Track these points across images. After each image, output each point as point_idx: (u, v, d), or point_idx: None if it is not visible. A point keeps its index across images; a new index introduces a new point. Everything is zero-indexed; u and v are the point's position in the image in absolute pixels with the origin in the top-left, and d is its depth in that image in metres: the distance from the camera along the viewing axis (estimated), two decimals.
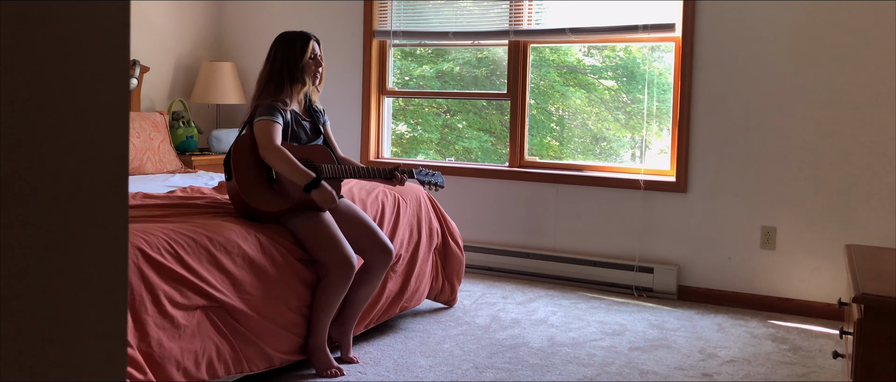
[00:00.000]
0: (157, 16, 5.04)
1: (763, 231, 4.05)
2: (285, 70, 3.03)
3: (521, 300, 4.10)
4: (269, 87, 3.03)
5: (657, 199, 4.28)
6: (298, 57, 3.04)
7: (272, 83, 3.03)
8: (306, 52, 3.05)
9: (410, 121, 5.37)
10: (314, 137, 3.14)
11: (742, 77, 4.05)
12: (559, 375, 3.03)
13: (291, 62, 3.03)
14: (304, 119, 3.12)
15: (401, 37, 4.90)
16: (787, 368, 3.18)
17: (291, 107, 3.05)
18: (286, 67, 3.03)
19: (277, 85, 3.02)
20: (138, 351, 2.25)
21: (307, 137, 3.10)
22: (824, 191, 3.92)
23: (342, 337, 3.10)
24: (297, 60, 3.03)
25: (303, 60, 3.04)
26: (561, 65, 4.91)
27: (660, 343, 3.45)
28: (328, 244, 2.91)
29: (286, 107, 3.01)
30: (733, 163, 4.10)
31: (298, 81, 3.04)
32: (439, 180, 3.29)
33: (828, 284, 3.93)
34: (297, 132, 3.06)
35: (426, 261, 3.65)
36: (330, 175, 3.01)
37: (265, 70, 3.08)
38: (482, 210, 4.71)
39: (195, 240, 2.55)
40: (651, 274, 4.24)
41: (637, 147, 4.71)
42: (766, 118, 4.02)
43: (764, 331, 3.67)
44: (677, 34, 4.21)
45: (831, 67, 3.87)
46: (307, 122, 3.13)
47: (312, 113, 3.18)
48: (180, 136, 4.90)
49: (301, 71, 3.04)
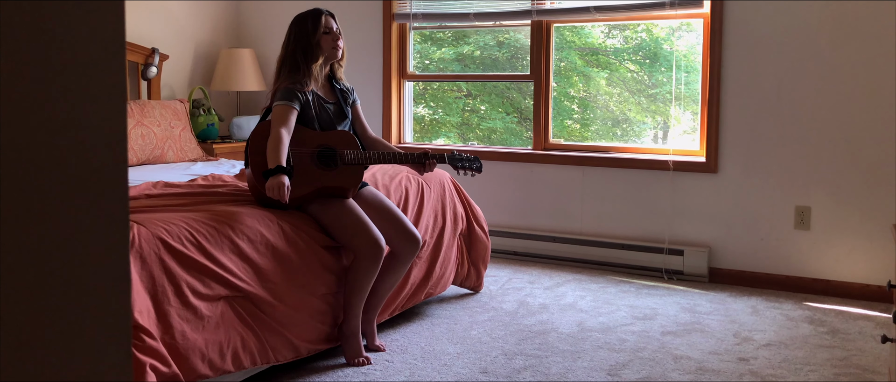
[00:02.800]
0: (175, 4, 5.00)
1: (797, 211, 3.94)
2: (299, 50, 2.96)
3: (548, 284, 4.02)
4: (284, 69, 2.97)
5: (687, 180, 4.18)
6: (311, 33, 2.96)
7: (287, 65, 2.97)
8: (319, 27, 2.97)
9: (430, 104, 5.30)
10: (339, 121, 3.06)
11: (773, 53, 3.93)
12: (590, 361, 2.96)
13: (305, 41, 2.96)
14: (328, 102, 3.05)
15: (421, 19, 4.82)
16: (826, 352, 3.08)
17: (311, 88, 2.98)
18: (300, 48, 2.96)
19: (292, 66, 2.96)
20: (162, 343, 2.21)
21: (331, 120, 3.02)
22: (860, 169, 3.80)
23: (367, 326, 3.04)
24: (310, 36, 2.96)
25: (316, 36, 2.96)
26: (582, 47, 4.80)
27: (693, 326, 3.37)
28: (355, 228, 2.85)
29: (306, 88, 2.94)
30: (765, 142, 3.99)
31: (314, 59, 2.96)
32: (476, 166, 3.19)
33: (866, 264, 3.81)
34: (321, 115, 2.99)
35: (451, 247, 3.59)
36: (351, 161, 2.94)
37: (282, 54, 3.02)
38: (507, 194, 4.64)
39: (217, 229, 2.51)
40: (681, 257, 4.15)
41: (660, 128, 4.61)
42: (798, 95, 3.90)
43: (800, 314, 3.57)
44: (705, 10, 4.09)
45: (866, 42, 3.74)
46: (331, 105, 3.05)
47: (338, 93, 3.10)
48: (201, 124, 4.87)
49: (316, 47, 2.96)
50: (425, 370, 2.87)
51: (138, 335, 2.12)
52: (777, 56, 3.93)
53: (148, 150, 4.25)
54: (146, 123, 4.29)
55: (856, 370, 2.90)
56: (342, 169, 2.92)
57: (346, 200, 2.93)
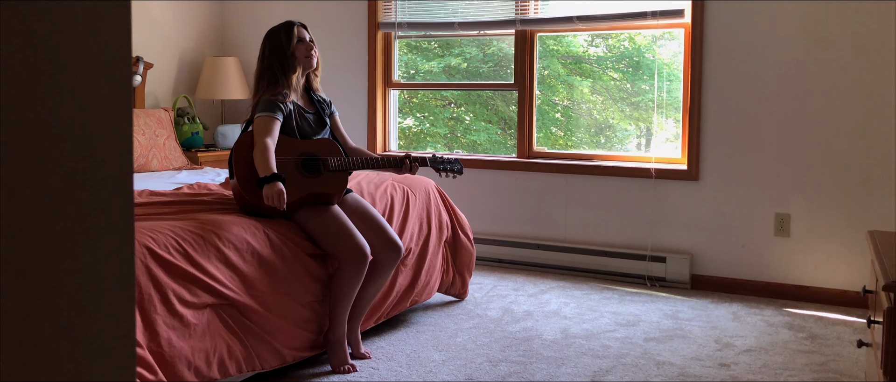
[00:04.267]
0: (159, 12, 5.00)
1: (777, 218, 4.00)
2: (276, 62, 3.01)
3: (532, 291, 4.05)
4: (263, 83, 3.03)
5: (668, 187, 4.23)
6: (285, 44, 3.02)
7: (266, 78, 3.02)
8: (292, 38, 3.04)
9: (417, 114, 5.32)
10: (319, 130, 3.09)
11: (753, 62, 3.99)
12: (574, 367, 2.99)
13: (280, 52, 3.02)
14: (308, 111, 3.09)
15: (406, 28, 4.85)
16: (805, 357, 3.13)
17: (291, 98, 3.02)
18: (277, 60, 3.02)
19: (271, 79, 3.02)
20: (148, 351, 2.22)
21: (311, 129, 3.06)
22: (839, 177, 3.86)
23: (351, 334, 3.06)
24: (285, 47, 3.02)
25: (291, 47, 3.03)
26: (566, 55, 4.85)
27: (675, 333, 3.41)
28: (339, 235, 2.87)
29: (286, 99, 2.98)
30: (745, 150, 4.04)
31: (291, 70, 3.02)
32: (457, 168, 3.24)
33: (843, 271, 3.87)
34: (301, 125, 3.03)
35: (436, 254, 3.61)
36: (335, 168, 2.97)
37: (259, 68, 3.07)
38: (491, 202, 4.67)
39: (203, 237, 2.52)
40: (664, 263, 4.20)
41: (642, 136, 4.65)
42: (778, 104, 3.96)
43: (780, 320, 3.62)
44: (686, 20, 4.15)
45: (844, 51, 3.81)
46: (311, 114, 3.09)
47: (316, 103, 3.14)
48: (186, 132, 4.86)
49: (292, 58, 3.02)
50: (410, 377, 2.89)
51: None
52: (757, 65, 3.99)
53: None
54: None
55: (834, 374, 2.95)
56: (327, 176, 2.95)
57: (332, 207, 2.95)
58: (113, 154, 0.60)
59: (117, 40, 0.60)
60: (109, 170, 0.59)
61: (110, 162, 0.60)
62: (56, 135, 0.59)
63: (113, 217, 0.60)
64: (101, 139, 0.60)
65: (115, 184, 0.59)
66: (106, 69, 0.61)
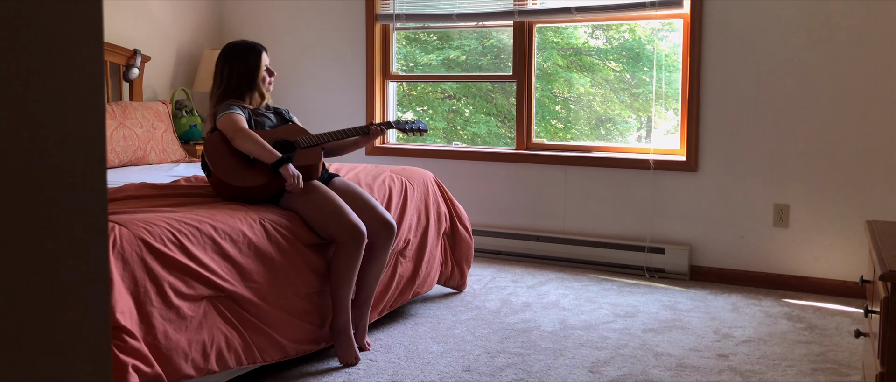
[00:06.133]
0: (157, 5, 4.98)
1: (776, 209, 3.99)
2: (244, 84, 3.07)
3: (531, 283, 4.05)
4: (225, 99, 3.06)
5: (667, 179, 4.22)
6: (254, 70, 3.08)
7: (231, 96, 3.06)
8: (261, 66, 3.10)
9: (416, 107, 5.31)
10: (281, 125, 3.16)
11: (752, 53, 3.98)
12: (572, 358, 2.98)
13: (249, 77, 3.08)
14: (266, 115, 3.13)
15: (404, 20, 4.84)
16: (803, 347, 3.13)
17: (249, 108, 3.09)
18: (245, 82, 3.07)
19: (237, 96, 3.07)
20: (144, 344, 2.21)
21: (273, 125, 3.12)
22: (837, 167, 3.85)
23: (359, 321, 3.06)
24: (253, 74, 3.08)
25: (260, 73, 3.10)
26: (565, 47, 4.83)
27: (673, 324, 3.40)
28: (333, 214, 2.89)
29: (246, 106, 3.06)
30: (744, 141, 4.03)
31: (256, 91, 3.10)
32: (422, 126, 3.38)
33: (842, 261, 3.87)
34: (261, 122, 3.08)
35: (435, 246, 3.61)
36: (306, 144, 3.04)
37: (223, 86, 3.08)
38: (490, 194, 4.66)
39: (199, 229, 2.51)
40: (662, 255, 4.19)
41: (643, 128, 4.64)
42: (777, 95, 3.95)
43: (779, 310, 3.62)
44: (685, 11, 4.13)
45: (844, 41, 3.79)
46: (271, 113, 3.16)
47: (274, 110, 3.20)
48: (184, 125, 4.86)
49: (261, 83, 3.10)
50: (408, 369, 2.89)
51: (120, 335, 2.12)
52: (756, 56, 3.97)
53: (130, 151, 4.23)
54: (128, 125, 4.28)
55: (832, 364, 2.95)
56: (301, 152, 3.00)
57: (324, 189, 2.96)
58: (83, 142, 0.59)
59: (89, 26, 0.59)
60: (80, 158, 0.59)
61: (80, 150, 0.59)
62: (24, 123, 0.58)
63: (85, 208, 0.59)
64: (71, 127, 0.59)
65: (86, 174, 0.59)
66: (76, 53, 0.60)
